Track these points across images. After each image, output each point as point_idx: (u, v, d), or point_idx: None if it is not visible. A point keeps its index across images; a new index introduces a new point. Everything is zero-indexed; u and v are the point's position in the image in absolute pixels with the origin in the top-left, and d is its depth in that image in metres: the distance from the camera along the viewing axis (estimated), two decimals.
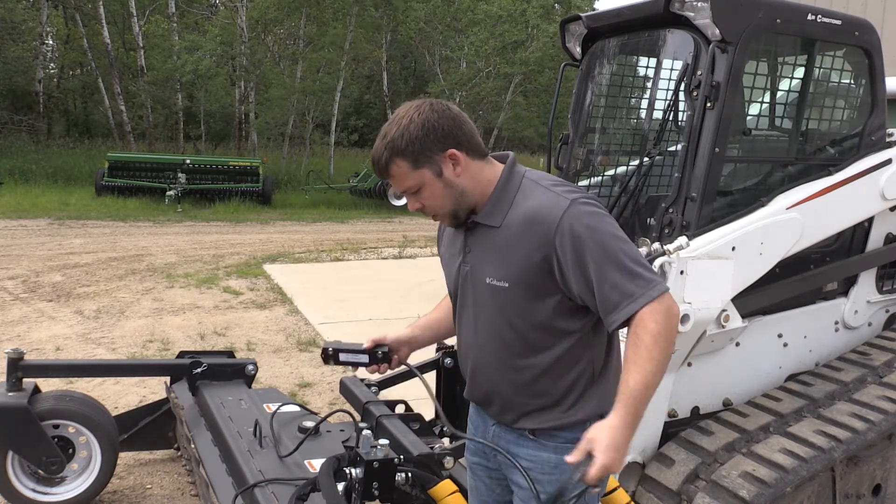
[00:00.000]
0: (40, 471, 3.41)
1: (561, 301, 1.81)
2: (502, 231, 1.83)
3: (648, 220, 3.38)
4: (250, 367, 3.95)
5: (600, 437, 1.67)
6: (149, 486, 3.84)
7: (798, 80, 3.59)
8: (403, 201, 17.22)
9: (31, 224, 13.47)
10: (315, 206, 19.26)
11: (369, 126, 33.19)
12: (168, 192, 17.24)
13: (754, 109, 3.73)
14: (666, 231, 3.19)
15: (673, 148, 3.49)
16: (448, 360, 3.59)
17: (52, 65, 29.52)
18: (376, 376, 2.72)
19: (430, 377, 3.86)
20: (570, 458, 1.70)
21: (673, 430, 3.22)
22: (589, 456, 1.66)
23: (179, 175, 17.61)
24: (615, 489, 2.29)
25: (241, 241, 12.72)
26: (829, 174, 3.43)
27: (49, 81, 28.78)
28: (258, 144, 25.22)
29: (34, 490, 3.44)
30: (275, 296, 8.58)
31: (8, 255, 10.29)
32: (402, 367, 2.33)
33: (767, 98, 3.86)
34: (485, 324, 1.91)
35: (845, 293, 3.78)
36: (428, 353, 3.93)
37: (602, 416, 1.87)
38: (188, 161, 18.27)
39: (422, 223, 16.82)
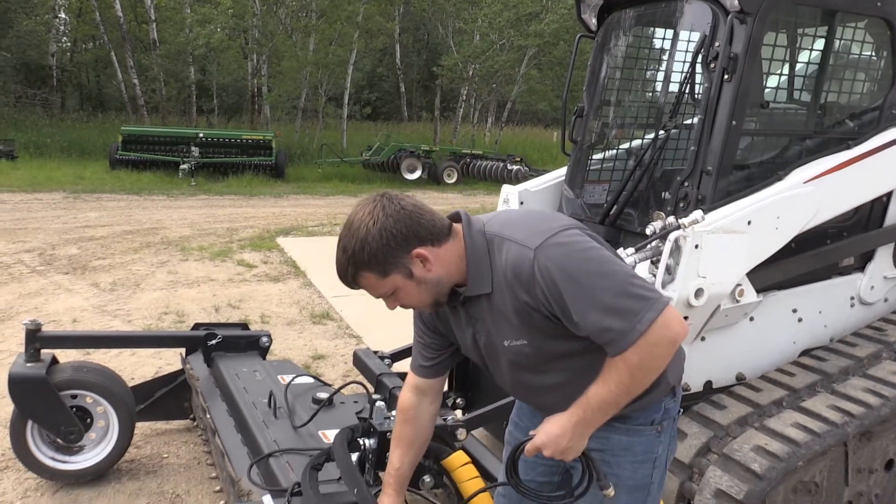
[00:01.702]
0: (59, 440, 3.46)
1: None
2: (495, 295, 1.76)
3: (663, 193, 3.36)
4: (264, 338, 3.98)
5: (547, 423, 1.77)
6: (165, 456, 3.90)
7: (818, 52, 3.53)
8: (417, 175, 17.14)
9: (47, 197, 13.56)
10: (328, 179, 19.26)
11: (382, 99, 33.07)
12: (181, 166, 17.30)
13: (772, 82, 3.68)
14: (681, 205, 3.17)
15: (689, 121, 3.45)
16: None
17: (64, 38, 29.55)
18: (390, 348, 2.73)
19: None
20: (532, 432, 1.80)
21: (685, 403, 3.20)
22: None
23: (193, 149, 17.65)
24: None
25: (255, 215, 12.77)
26: (848, 148, 3.38)
27: (62, 55, 28.82)
28: (271, 118, 25.19)
29: (53, 458, 3.50)
30: (288, 269, 8.62)
31: (24, 228, 10.38)
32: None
33: (786, 70, 3.80)
34: (530, 375, 1.86)
35: (862, 268, 3.75)
36: None
37: (673, 391, 1.91)
38: (201, 135, 18.30)
39: (435, 197, 16.80)
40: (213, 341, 3.86)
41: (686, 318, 2.92)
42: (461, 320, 1.89)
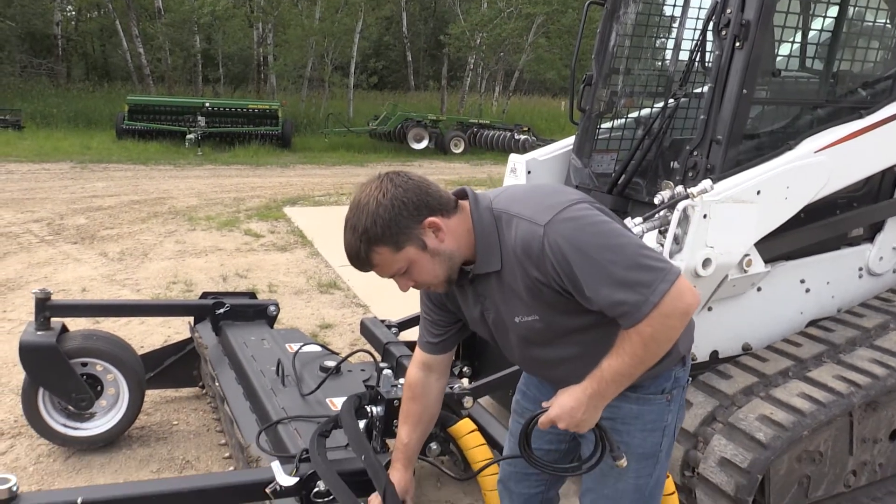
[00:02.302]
0: (70, 407, 3.50)
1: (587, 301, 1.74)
2: (505, 272, 1.75)
3: (672, 163, 3.34)
4: (272, 307, 4.00)
5: (561, 396, 1.76)
6: (175, 423, 3.95)
7: (831, 19, 3.47)
8: (424, 144, 17.04)
9: (54, 167, 13.58)
10: (334, 149, 19.20)
11: (389, 68, 32.80)
12: (188, 136, 17.26)
13: (784, 49, 3.63)
14: (690, 174, 3.15)
15: (699, 89, 3.41)
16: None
17: (69, 7, 29.30)
18: (397, 317, 2.74)
19: None
20: (545, 404, 1.79)
21: (692, 373, 3.22)
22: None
23: (199, 118, 17.60)
24: (671, 493, 2.29)
25: (262, 185, 12.76)
26: (860, 117, 3.34)
27: (67, 24, 28.63)
28: (277, 87, 25.05)
29: (65, 425, 3.54)
30: (295, 238, 8.64)
31: (32, 198, 10.41)
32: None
33: (799, 38, 3.74)
34: (541, 350, 1.86)
35: (871, 239, 3.73)
36: None
37: (683, 360, 1.92)
38: (207, 104, 18.23)
39: (441, 167, 16.75)
40: (221, 310, 3.88)
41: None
42: (468, 298, 1.89)
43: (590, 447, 1.89)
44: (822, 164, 3.17)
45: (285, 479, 2.05)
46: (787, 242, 3.33)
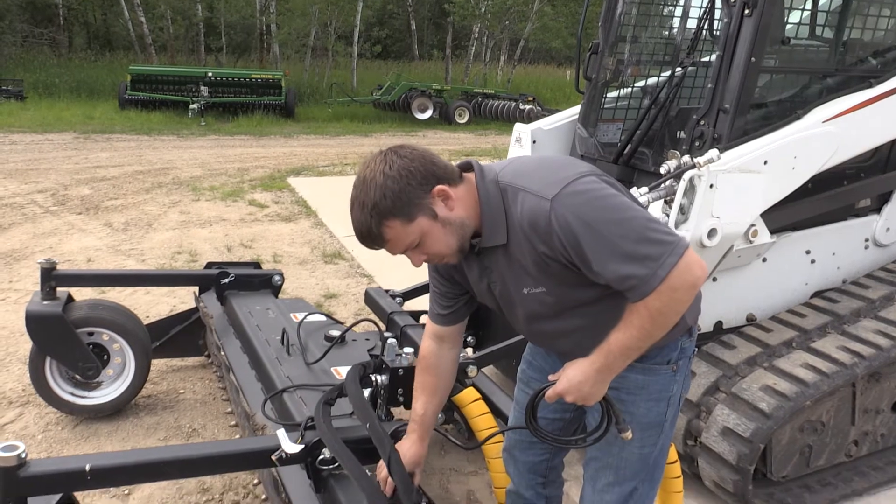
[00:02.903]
0: (77, 376, 3.53)
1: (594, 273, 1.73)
2: (511, 245, 1.73)
3: (679, 132, 3.31)
4: (277, 277, 4.01)
5: (569, 369, 1.75)
6: (181, 391, 3.98)
7: None
8: (428, 115, 16.96)
9: (57, 138, 13.54)
10: (338, 119, 19.09)
11: (392, 37, 32.48)
12: (191, 106, 17.18)
13: (794, 17, 3.57)
14: (696, 144, 3.12)
15: (707, 58, 3.37)
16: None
17: None
18: (401, 287, 2.74)
19: None
20: (552, 377, 1.79)
21: (696, 344, 3.23)
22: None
23: (202, 88, 17.50)
24: (674, 462, 2.30)
25: (265, 155, 12.72)
26: (870, 86, 3.30)
27: None
28: (280, 56, 24.84)
29: (72, 394, 3.57)
30: (299, 209, 8.63)
31: (36, 168, 10.39)
32: (426, 279, 2.33)
33: (809, 5, 3.68)
34: (548, 322, 1.85)
35: (878, 210, 3.71)
36: None
37: (689, 331, 1.92)
38: (210, 74, 18.12)
39: (446, 137, 16.65)
40: (226, 280, 3.88)
41: None
42: (474, 271, 1.88)
43: (595, 417, 1.90)
44: (830, 133, 3.15)
45: (291, 447, 2.06)
46: (793, 213, 3.31)
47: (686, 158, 2.87)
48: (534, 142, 3.90)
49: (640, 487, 1.96)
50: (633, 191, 2.89)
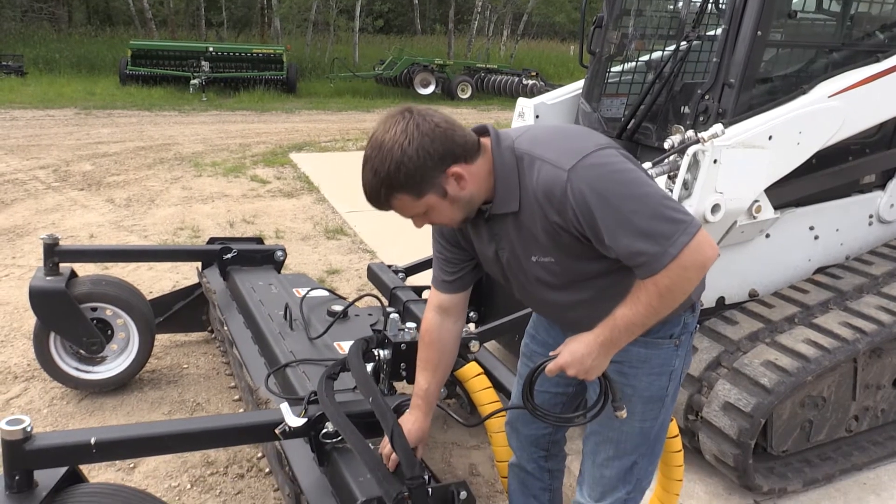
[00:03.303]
0: (81, 351, 3.55)
1: (604, 246, 1.71)
2: (523, 213, 1.72)
3: (683, 107, 3.29)
4: (279, 252, 4.01)
5: (572, 343, 1.75)
6: (185, 366, 4.00)
7: None
8: (430, 90, 16.83)
9: (58, 114, 13.49)
10: (340, 94, 18.98)
11: (395, 11, 32.16)
12: (192, 81, 17.08)
13: None
14: (701, 119, 3.10)
15: (712, 32, 3.34)
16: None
17: None
18: (403, 262, 2.74)
19: None
20: (552, 353, 1.79)
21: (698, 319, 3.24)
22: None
23: (203, 63, 17.38)
24: (675, 436, 2.31)
25: (267, 130, 12.67)
26: (877, 61, 3.27)
27: None
28: (281, 31, 24.63)
29: (77, 369, 3.59)
30: (301, 184, 8.61)
31: (38, 144, 10.37)
32: (428, 255, 2.33)
33: None
34: (555, 292, 1.84)
35: (882, 186, 3.69)
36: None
37: (693, 307, 1.91)
38: (211, 49, 17.98)
39: (449, 112, 16.50)
40: (229, 255, 3.88)
41: None
42: (483, 236, 1.87)
43: (596, 391, 1.91)
44: (835, 108, 3.12)
45: (294, 421, 2.07)
46: (797, 189, 3.29)
47: (690, 133, 2.85)
48: (537, 116, 3.88)
49: (639, 462, 1.97)
50: None
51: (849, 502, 3.04)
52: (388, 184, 1.64)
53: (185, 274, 5.28)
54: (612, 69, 3.82)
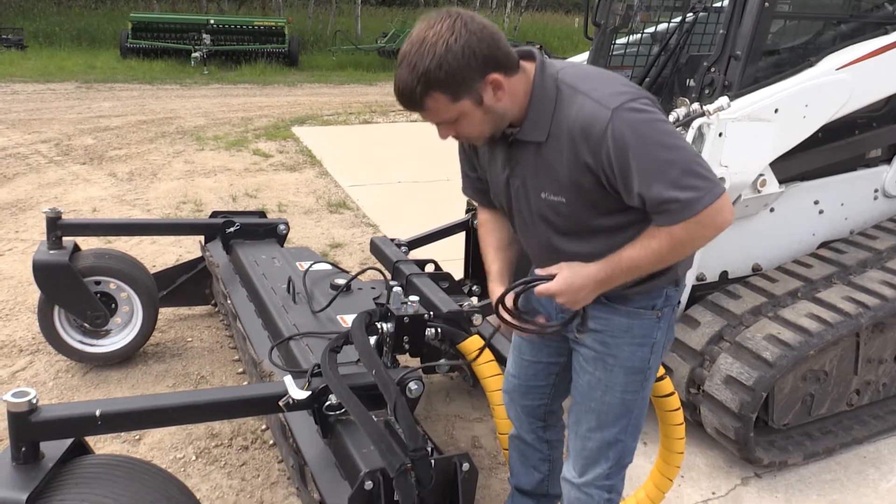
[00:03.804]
0: (86, 324, 3.56)
1: (618, 201, 1.72)
2: (548, 145, 1.71)
3: (689, 80, 3.25)
4: (282, 226, 4.00)
5: (567, 271, 1.76)
6: (189, 340, 4.02)
7: None
8: None
9: (59, 87, 13.41)
10: (342, 67, 18.83)
11: None
12: (193, 54, 16.95)
13: None
14: (706, 91, 3.07)
15: (718, 3, 3.29)
16: (476, 222, 3.61)
17: None
18: (406, 236, 2.73)
19: (460, 237, 3.90)
20: (540, 271, 1.80)
21: (700, 293, 3.24)
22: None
23: (204, 36, 17.22)
24: (662, 377, 2.31)
25: (269, 104, 12.60)
26: (886, 33, 3.23)
27: None
28: (283, 4, 24.39)
29: (81, 342, 3.61)
30: (304, 158, 8.58)
31: (39, 118, 10.33)
32: (431, 229, 2.34)
33: None
34: (552, 233, 1.84)
35: (888, 161, 3.67)
36: (457, 214, 3.96)
37: (676, 281, 1.92)
38: (212, 21, 17.81)
39: None
40: (232, 229, 3.88)
41: None
42: (498, 161, 1.87)
43: (580, 362, 1.96)
44: (843, 81, 3.09)
45: (298, 393, 2.08)
46: (802, 163, 3.28)
47: (695, 106, 2.83)
48: None
49: (621, 438, 1.98)
50: None
51: (849, 475, 3.06)
52: (426, 81, 1.60)
53: (187, 248, 5.28)
54: (617, 41, 3.78)
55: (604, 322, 1.87)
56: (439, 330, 2.53)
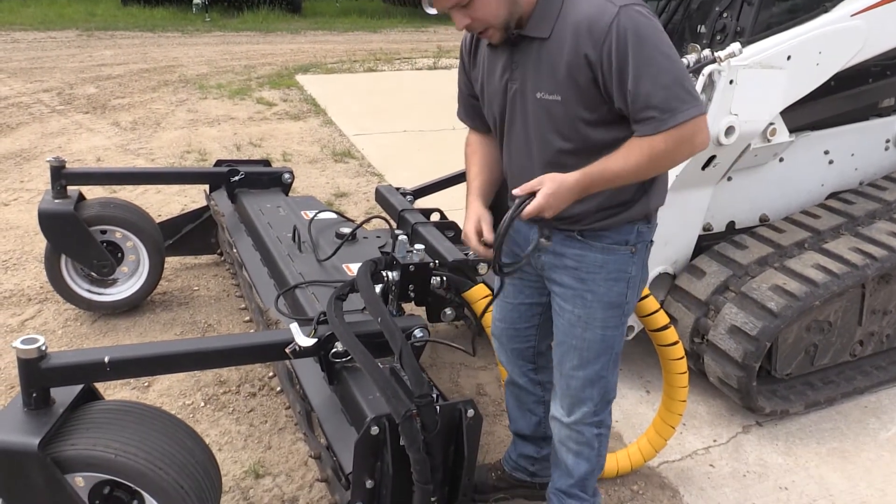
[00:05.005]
0: (93, 273, 3.58)
1: (610, 110, 1.77)
2: (551, 42, 1.75)
3: (700, 26, 3.18)
4: (286, 175, 3.98)
5: (550, 183, 1.76)
6: (196, 288, 4.04)
7: None
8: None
9: (60, 36, 13.23)
10: (346, 14, 18.52)
11: None
12: (195, 1, 16.68)
13: None
14: (718, 37, 3.01)
15: None
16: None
17: None
18: (412, 185, 2.71)
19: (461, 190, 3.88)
20: (517, 191, 1.80)
21: (706, 243, 3.23)
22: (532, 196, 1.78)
23: None
24: (646, 296, 2.34)
25: (272, 52, 12.42)
26: None
27: None
28: None
29: (89, 291, 3.63)
30: (308, 107, 8.50)
31: (40, 67, 10.22)
32: (436, 177, 2.30)
33: None
34: (538, 140, 1.87)
35: None
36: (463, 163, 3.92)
37: (648, 217, 1.96)
38: None
39: (457, 34, 16.16)
40: (236, 177, 3.86)
41: (714, 157, 2.86)
42: (498, 66, 1.90)
43: (558, 302, 2.01)
44: (857, 28, 3.02)
45: (304, 340, 2.09)
46: (813, 111, 3.22)
47: (706, 52, 2.77)
48: None
49: (603, 374, 2.04)
50: None
51: (849, 424, 3.09)
52: None
53: (192, 197, 5.27)
54: None
55: (579, 258, 1.93)
56: (444, 278, 2.53)
